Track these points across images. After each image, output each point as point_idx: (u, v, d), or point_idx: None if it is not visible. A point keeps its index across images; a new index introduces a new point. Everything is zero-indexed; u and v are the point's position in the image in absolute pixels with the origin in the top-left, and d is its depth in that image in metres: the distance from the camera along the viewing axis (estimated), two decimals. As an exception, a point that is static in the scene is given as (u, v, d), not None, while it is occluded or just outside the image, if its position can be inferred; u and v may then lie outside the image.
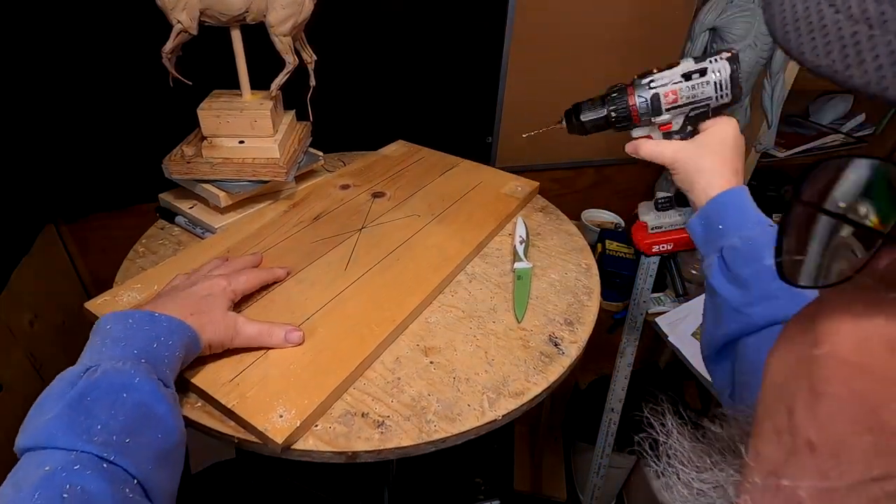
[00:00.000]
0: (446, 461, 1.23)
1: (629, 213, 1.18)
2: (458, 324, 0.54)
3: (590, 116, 0.55)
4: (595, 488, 1.10)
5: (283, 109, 0.72)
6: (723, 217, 0.45)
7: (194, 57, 0.66)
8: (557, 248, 0.66)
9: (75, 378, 0.33)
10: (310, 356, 0.46)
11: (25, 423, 0.32)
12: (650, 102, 0.51)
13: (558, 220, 0.72)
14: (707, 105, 0.50)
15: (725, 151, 0.48)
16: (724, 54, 0.49)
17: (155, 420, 0.34)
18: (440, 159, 0.82)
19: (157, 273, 0.56)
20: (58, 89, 0.76)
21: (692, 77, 0.49)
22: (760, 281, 0.40)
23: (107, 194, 0.87)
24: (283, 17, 0.59)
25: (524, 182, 0.76)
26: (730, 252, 0.43)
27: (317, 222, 0.66)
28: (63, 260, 0.90)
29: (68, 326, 0.89)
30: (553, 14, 0.97)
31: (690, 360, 0.80)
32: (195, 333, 0.41)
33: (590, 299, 0.58)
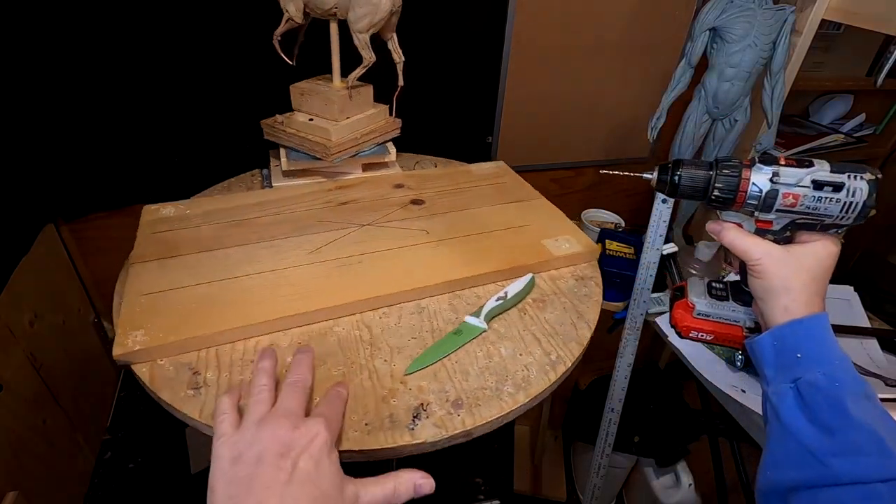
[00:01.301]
0: (446, 461, 1.23)
1: (629, 212, 1.18)
2: (353, 346, 0.51)
3: (689, 180, 0.46)
4: (595, 488, 1.09)
5: (367, 102, 0.78)
6: (803, 345, 0.41)
7: (311, 47, 0.74)
8: (543, 328, 0.55)
9: None
10: (209, 304, 0.52)
11: None
12: (763, 196, 0.44)
13: (583, 296, 0.61)
14: (822, 221, 0.44)
15: (818, 274, 0.43)
16: (867, 174, 0.42)
17: None
18: (518, 189, 0.78)
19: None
20: (57, 89, 0.76)
21: (823, 188, 0.42)
22: (850, 429, 0.36)
23: (107, 194, 0.87)
24: (360, 15, 0.65)
25: (578, 239, 0.67)
26: (809, 388, 0.39)
27: (341, 207, 0.71)
28: (63, 260, 0.90)
29: (68, 326, 0.89)
30: (553, 14, 0.97)
31: (690, 360, 0.80)
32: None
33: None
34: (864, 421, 0.36)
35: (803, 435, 0.38)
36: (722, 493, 1.06)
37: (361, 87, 0.76)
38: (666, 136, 1.00)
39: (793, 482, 0.38)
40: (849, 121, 1.35)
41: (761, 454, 0.42)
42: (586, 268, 0.66)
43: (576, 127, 1.13)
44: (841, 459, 0.36)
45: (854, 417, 0.36)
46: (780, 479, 0.39)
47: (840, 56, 1.21)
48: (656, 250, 0.81)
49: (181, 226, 0.65)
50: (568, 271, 0.65)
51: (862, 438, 0.36)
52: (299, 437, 0.35)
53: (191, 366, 0.48)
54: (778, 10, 0.82)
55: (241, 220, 0.67)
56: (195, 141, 0.87)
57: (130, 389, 0.97)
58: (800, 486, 0.38)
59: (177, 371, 0.47)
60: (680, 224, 1.09)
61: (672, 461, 1.22)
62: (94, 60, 0.76)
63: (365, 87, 0.77)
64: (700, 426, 1.20)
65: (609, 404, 0.97)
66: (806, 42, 0.87)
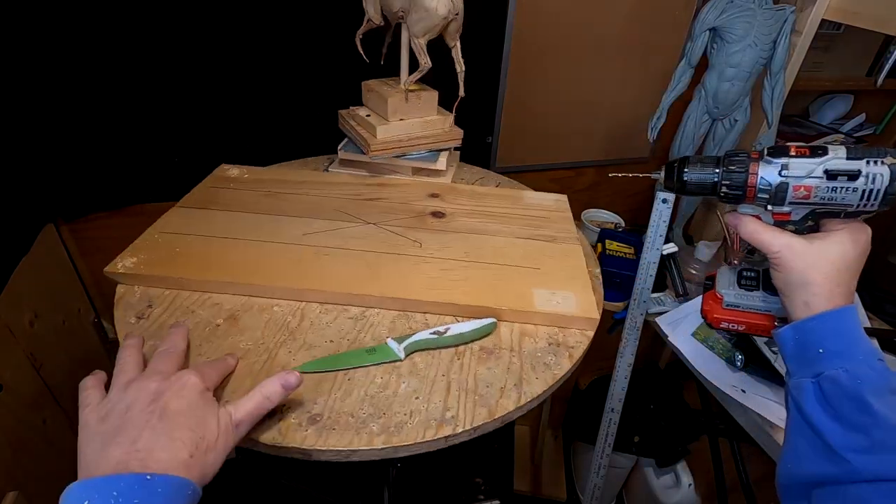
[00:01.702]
0: (446, 461, 1.23)
1: (629, 212, 1.18)
2: (275, 329, 0.52)
3: (696, 177, 0.45)
4: (595, 488, 1.10)
5: (428, 107, 0.78)
6: (824, 340, 0.39)
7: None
8: (465, 381, 0.48)
9: None
10: (195, 254, 0.59)
11: None
12: (774, 189, 0.42)
13: (541, 363, 0.51)
14: (844, 209, 0.41)
15: (843, 266, 0.40)
16: (888, 158, 0.39)
17: None
18: (557, 228, 0.70)
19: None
20: (58, 89, 0.76)
21: (837, 178, 0.40)
22: (873, 427, 0.36)
23: (107, 194, 0.87)
24: (416, 20, 0.66)
25: (581, 300, 0.57)
26: (830, 384, 0.38)
27: (366, 202, 0.72)
28: (63, 260, 0.90)
29: (68, 326, 0.88)
30: (553, 14, 0.97)
31: (690, 360, 0.80)
32: (197, 490, 0.33)
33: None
34: (888, 417, 0.35)
35: (825, 430, 0.37)
36: (722, 493, 1.06)
37: (423, 91, 0.77)
38: (666, 136, 1.00)
39: (813, 477, 0.38)
40: (849, 121, 1.35)
41: (781, 448, 0.42)
42: (573, 335, 0.55)
43: (576, 127, 1.13)
44: (863, 456, 0.35)
45: (878, 414, 0.36)
46: (800, 473, 0.39)
47: (840, 56, 1.21)
48: (656, 250, 0.81)
49: (234, 186, 0.75)
50: (546, 331, 0.55)
51: (886, 435, 0.35)
52: (169, 386, 0.37)
53: (151, 299, 0.55)
54: (778, 10, 0.82)
55: (277, 193, 0.73)
56: (195, 141, 0.87)
57: (130, 389, 0.97)
58: (821, 481, 0.37)
59: (139, 299, 0.55)
60: (680, 224, 1.09)
61: (672, 461, 1.22)
62: (94, 60, 0.76)
63: (428, 93, 0.77)
64: (700, 426, 1.20)
65: (609, 404, 0.97)
66: (806, 42, 0.87)
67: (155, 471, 0.31)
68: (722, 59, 0.85)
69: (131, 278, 0.56)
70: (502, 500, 1.06)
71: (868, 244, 0.41)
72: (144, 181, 0.87)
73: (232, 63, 0.82)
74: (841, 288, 0.40)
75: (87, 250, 0.92)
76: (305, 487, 1.01)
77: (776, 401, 0.72)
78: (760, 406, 0.71)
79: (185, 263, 0.57)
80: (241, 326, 0.52)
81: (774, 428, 0.69)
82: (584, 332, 0.56)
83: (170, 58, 0.79)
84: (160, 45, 0.78)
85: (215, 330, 0.52)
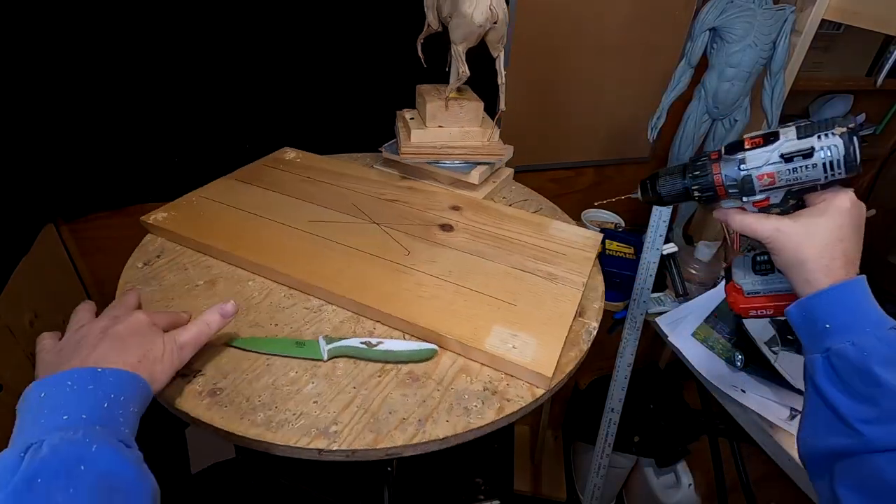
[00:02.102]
0: (446, 461, 1.23)
1: (629, 213, 1.18)
2: (235, 300, 0.52)
3: (667, 189, 0.48)
4: (595, 488, 1.10)
5: (472, 118, 0.76)
6: (829, 315, 0.40)
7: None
8: (372, 398, 0.46)
9: (15, 461, 0.27)
10: (217, 221, 0.65)
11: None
12: (741, 183, 0.43)
13: (460, 408, 0.46)
14: (815, 183, 0.42)
15: (835, 238, 0.40)
16: (837, 128, 0.39)
17: (123, 490, 0.30)
18: (567, 267, 0.63)
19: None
20: (58, 89, 0.76)
21: (794, 160, 0.41)
22: (882, 397, 0.36)
23: (107, 194, 0.87)
24: (454, 26, 0.66)
25: (544, 353, 0.50)
26: (839, 358, 0.38)
27: (384, 202, 0.73)
28: (63, 260, 0.90)
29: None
30: (553, 14, 0.97)
31: (690, 360, 0.80)
32: (145, 384, 0.37)
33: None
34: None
35: (837, 404, 0.38)
36: (722, 493, 1.06)
37: (465, 100, 0.75)
38: (666, 136, 1.00)
39: (831, 449, 0.38)
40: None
41: (799, 420, 0.43)
42: (517, 388, 0.48)
43: (576, 127, 1.13)
44: (875, 427, 0.36)
45: (886, 384, 0.36)
46: (818, 445, 0.40)
47: (840, 56, 1.21)
48: (656, 250, 0.81)
49: (283, 167, 0.80)
50: (489, 375, 0.49)
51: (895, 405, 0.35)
52: (118, 321, 0.41)
53: (163, 251, 0.62)
54: (778, 10, 0.82)
55: (314, 180, 0.77)
56: (195, 141, 0.87)
57: (130, 389, 0.97)
58: (838, 453, 0.38)
59: (154, 249, 0.63)
60: (680, 224, 1.09)
61: (672, 461, 1.22)
62: (95, 60, 0.76)
63: (471, 103, 0.75)
64: (700, 426, 1.20)
65: (609, 404, 0.97)
66: (806, 42, 0.87)
67: (103, 367, 0.35)
68: (722, 59, 0.85)
69: (156, 229, 0.65)
70: (502, 500, 1.06)
71: (856, 207, 0.41)
72: (144, 181, 0.87)
73: (236, 62, 0.83)
74: (837, 261, 0.40)
75: (87, 250, 0.92)
76: (305, 487, 1.01)
77: (776, 401, 0.72)
78: (760, 406, 0.71)
79: (199, 226, 0.63)
80: (213, 291, 0.57)
81: (774, 428, 0.69)
82: (531, 387, 0.48)
83: (170, 58, 0.79)
84: (160, 46, 0.78)
85: (193, 289, 0.57)
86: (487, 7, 0.63)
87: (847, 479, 0.37)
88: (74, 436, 0.29)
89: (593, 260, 0.65)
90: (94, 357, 0.36)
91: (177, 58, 0.79)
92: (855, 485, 0.36)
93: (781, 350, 0.76)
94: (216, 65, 0.82)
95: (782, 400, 0.71)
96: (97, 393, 0.33)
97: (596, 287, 0.63)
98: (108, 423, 0.32)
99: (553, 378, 0.48)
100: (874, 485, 0.35)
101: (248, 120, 0.88)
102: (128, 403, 0.34)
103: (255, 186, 0.74)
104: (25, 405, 0.32)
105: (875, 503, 0.35)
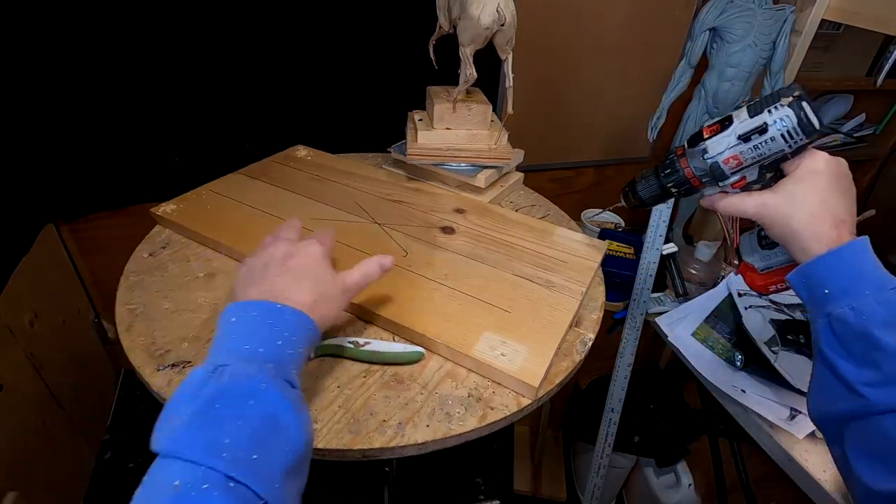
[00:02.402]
0: (446, 461, 1.23)
1: (629, 213, 1.18)
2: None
3: (647, 192, 0.50)
4: (595, 488, 1.10)
5: (479, 121, 0.76)
6: (827, 281, 0.39)
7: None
8: (353, 399, 0.46)
9: (204, 379, 0.32)
10: (223, 216, 0.66)
11: (160, 423, 0.31)
12: (710, 171, 0.45)
13: (441, 413, 0.45)
14: (782, 153, 0.42)
15: (818, 202, 0.41)
16: (783, 100, 0.41)
17: (282, 432, 0.32)
18: (566, 275, 0.61)
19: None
20: (58, 89, 0.76)
21: (751, 138, 0.42)
22: (883, 360, 0.36)
23: (107, 194, 0.87)
24: (462, 28, 0.66)
25: (532, 365, 0.48)
26: (839, 323, 0.38)
27: (388, 202, 0.73)
28: (63, 260, 0.90)
29: (68, 326, 0.89)
30: (553, 14, 0.97)
31: (690, 360, 0.80)
32: (315, 326, 0.39)
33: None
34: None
35: (841, 368, 0.38)
36: (722, 493, 1.06)
37: (474, 103, 0.75)
38: (666, 136, 1.00)
39: (838, 413, 0.39)
40: (849, 121, 1.35)
41: (808, 387, 0.43)
42: (503, 396, 0.47)
43: (576, 127, 1.13)
44: (878, 389, 0.36)
45: (887, 347, 0.36)
46: (827, 410, 0.40)
47: (840, 56, 1.21)
48: (656, 250, 0.81)
49: (293, 165, 0.81)
50: (476, 381, 0.48)
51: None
52: (296, 249, 0.44)
53: (169, 242, 0.64)
54: (778, 10, 0.82)
55: (322, 178, 0.78)
56: (195, 141, 0.87)
57: (130, 389, 0.97)
58: (846, 417, 0.38)
59: (161, 240, 0.64)
60: (680, 224, 1.09)
61: (672, 461, 1.22)
62: (95, 60, 0.76)
63: (479, 106, 0.75)
64: (700, 426, 1.20)
65: (609, 404, 0.97)
66: (806, 42, 0.87)
67: (283, 304, 0.38)
68: (722, 59, 0.86)
69: (164, 221, 0.66)
70: (502, 500, 1.06)
71: (831, 165, 0.42)
72: (144, 181, 0.87)
73: (240, 62, 0.83)
74: (826, 224, 0.40)
75: (87, 250, 0.92)
76: (305, 487, 1.01)
77: (776, 401, 0.72)
78: (760, 406, 0.71)
79: (204, 220, 0.65)
80: (212, 284, 0.58)
81: (774, 428, 0.69)
82: (518, 396, 0.47)
83: (171, 58, 0.79)
84: (162, 46, 0.78)
85: (193, 280, 0.58)
86: (495, 9, 0.63)
87: (856, 442, 0.38)
88: (250, 370, 0.33)
89: (595, 269, 0.63)
90: (275, 289, 0.40)
91: (178, 58, 0.79)
92: (863, 447, 0.37)
93: (781, 350, 0.76)
94: (216, 65, 0.82)
95: (782, 400, 0.71)
96: (274, 329, 0.37)
97: (596, 297, 0.62)
98: (279, 361, 0.35)
99: (540, 388, 0.47)
100: (882, 446, 0.36)
101: (249, 120, 0.88)
102: (298, 343, 0.37)
103: (263, 182, 0.75)
104: (220, 323, 0.37)
105: (883, 464, 0.36)
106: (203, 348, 0.49)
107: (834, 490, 0.62)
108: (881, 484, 0.36)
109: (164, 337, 0.50)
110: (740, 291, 0.89)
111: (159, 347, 0.49)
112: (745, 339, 0.78)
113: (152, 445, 0.30)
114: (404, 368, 0.49)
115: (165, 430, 0.30)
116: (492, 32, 0.65)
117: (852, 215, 0.41)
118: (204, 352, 0.48)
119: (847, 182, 0.42)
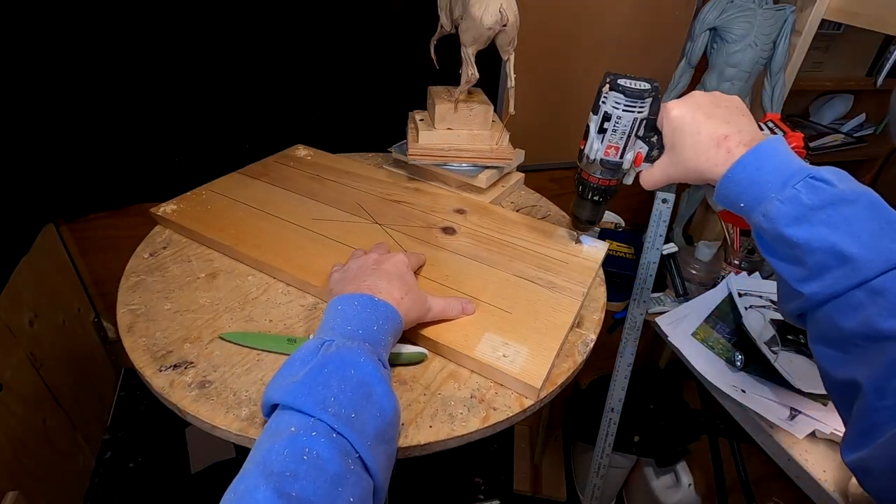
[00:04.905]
0: (446, 461, 1.23)
1: (629, 212, 1.18)
2: (236, 292, 0.56)
3: (582, 213, 0.59)
4: (595, 488, 1.10)
5: (481, 121, 0.76)
6: (737, 197, 0.41)
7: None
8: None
9: (315, 349, 0.38)
10: (220, 214, 0.66)
11: (277, 379, 0.37)
12: (604, 168, 0.52)
13: (443, 413, 0.45)
14: (642, 121, 0.49)
15: (691, 133, 0.44)
16: (604, 88, 0.49)
17: (374, 398, 0.37)
18: (569, 277, 0.60)
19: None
20: (58, 89, 0.76)
21: (605, 128, 0.50)
22: (804, 255, 0.37)
23: (107, 194, 0.87)
24: (464, 28, 0.66)
25: (534, 366, 0.48)
26: (761, 231, 0.41)
27: (389, 202, 0.73)
28: (63, 260, 0.90)
29: (68, 326, 0.89)
30: (553, 14, 0.97)
31: (690, 360, 0.80)
32: (401, 320, 0.44)
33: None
34: (814, 239, 0.37)
35: (778, 269, 0.41)
36: (722, 493, 1.06)
37: (475, 103, 0.74)
38: (666, 136, 0.99)
39: (793, 312, 0.41)
40: (849, 121, 1.35)
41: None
42: (505, 397, 0.47)
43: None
44: (810, 284, 0.38)
45: (802, 242, 0.37)
46: (785, 309, 0.43)
47: (840, 56, 1.21)
48: (656, 250, 0.81)
49: (293, 164, 0.80)
50: (478, 382, 0.48)
51: (818, 258, 0.37)
52: (386, 259, 0.50)
53: (169, 242, 0.64)
54: (778, 10, 0.82)
55: (321, 178, 0.78)
56: (195, 141, 0.87)
57: (130, 389, 0.97)
58: (799, 315, 0.41)
59: (161, 240, 0.64)
60: (680, 224, 1.09)
61: (672, 461, 1.22)
62: (95, 61, 0.76)
63: (481, 106, 0.75)
64: (700, 426, 1.20)
65: (609, 404, 0.97)
66: (806, 42, 0.87)
67: (378, 297, 0.44)
68: (722, 59, 0.86)
69: (164, 221, 0.66)
70: (502, 499, 1.06)
71: (684, 104, 0.46)
72: (144, 181, 0.87)
73: (240, 63, 0.83)
74: (712, 150, 0.43)
75: (87, 250, 0.92)
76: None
77: (776, 401, 0.72)
78: (760, 406, 0.71)
79: (205, 220, 0.65)
80: (214, 284, 0.58)
81: (774, 428, 0.69)
82: (520, 397, 0.47)
83: (171, 59, 0.79)
84: (162, 47, 0.78)
85: (194, 281, 0.58)
86: (497, 10, 0.62)
87: (813, 334, 0.40)
88: (352, 345, 0.39)
89: (596, 270, 0.62)
90: (369, 284, 0.45)
91: (178, 59, 0.79)
92: (820, 338, 0.39)
93: (781, 350, 0.76)
94: (216, 65, 0.82)
95: (782, 400, 0.71)
96: (372, 316, 0.42)
97: (598, 298, 0.61)
98: (374, 342, 0.41)
99: (542, 389, 0.46)
100: (834, 335, 0.37)
101: (249, 120, 0.88)
102: (388, 332, 0.43)
103: (262, 182, 0.75)
104: (328, 311, 0.43)
105: (835, 350, 0.38)
106: (205, 349, 0.49)
107: (834, 490, 0.62)
108: (837, 370, 0.37)
109: (165, 338, 0.50)
110: (740, 291, 0.89)
111: (161, 348, 0.49)
112: (745, 339, 0.78)
113: (268, 395, 0.36)
114: (407, 369, 0.49)
115: (283, 386, 0.36)
116: (494, 33, 0.65)
117: (732, 122, 0.43)
118: (206, 352, 0.49)
119: (708, 104, 0.45)
